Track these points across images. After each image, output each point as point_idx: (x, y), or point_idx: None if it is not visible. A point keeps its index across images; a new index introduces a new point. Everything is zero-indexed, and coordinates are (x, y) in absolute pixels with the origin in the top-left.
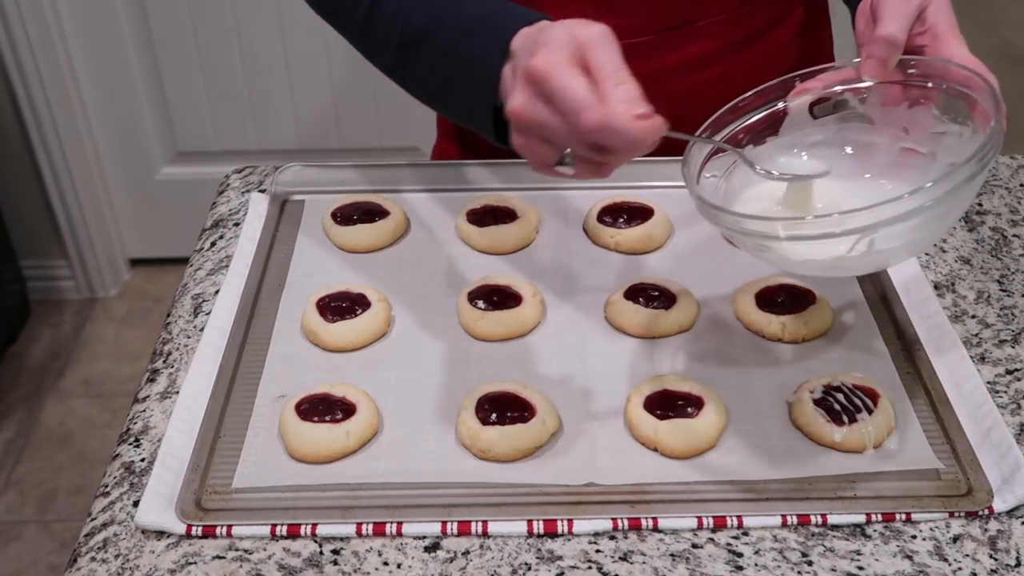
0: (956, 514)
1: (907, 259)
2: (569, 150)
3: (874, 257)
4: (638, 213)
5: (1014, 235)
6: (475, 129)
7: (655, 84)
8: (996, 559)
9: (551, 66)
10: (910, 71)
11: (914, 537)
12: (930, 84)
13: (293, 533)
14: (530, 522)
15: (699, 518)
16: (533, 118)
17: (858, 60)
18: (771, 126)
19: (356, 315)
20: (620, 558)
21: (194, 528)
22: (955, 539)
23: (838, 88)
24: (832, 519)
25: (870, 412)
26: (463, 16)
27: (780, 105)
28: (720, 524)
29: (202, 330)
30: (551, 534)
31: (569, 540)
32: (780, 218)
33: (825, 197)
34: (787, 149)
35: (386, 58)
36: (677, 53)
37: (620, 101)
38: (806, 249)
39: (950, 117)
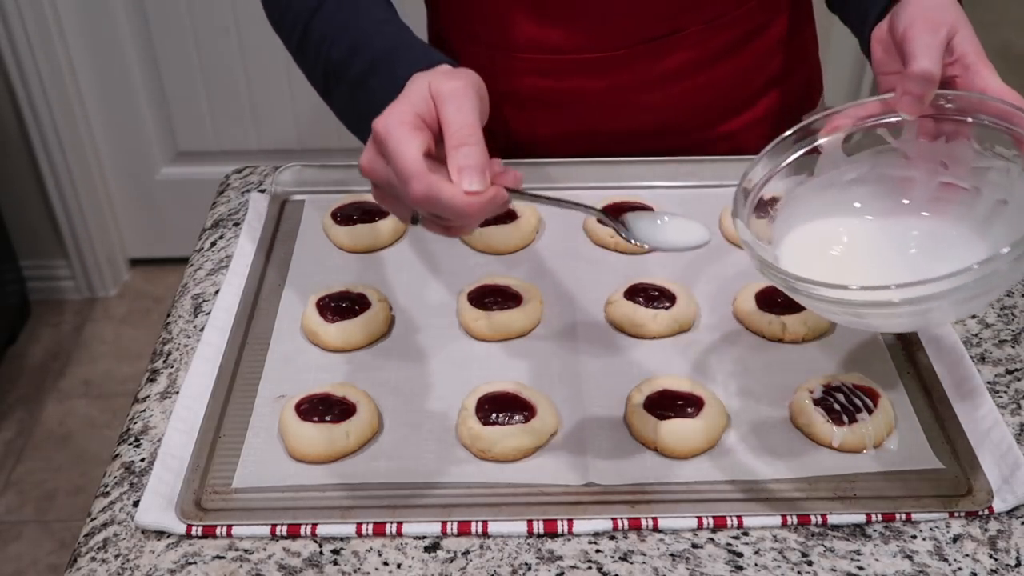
0: (956, 514)
1: (959, 319)
2: (416, 213)
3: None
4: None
5: None
6: None
7: (639, 94)
8: (996, 559)
9: (390, 128)
10: (947, 105)
11: (914, 537)
12: (969, 119)
13: (293, 533)
14: (530, 522)
15: (699, 518)
16: (377, 176)
17: (890, 95)
18: (806, 167)
19: (356, 315)
20: (620, 558)
21: (194, 528)
22: (955, 539)
23: (872, 122)
24: (832, 519)
25: (870, 412)
26: (372, 50)
27: (813, 144)
28: (720, 524)
29: (202, 330)
30: (551, 534)
31: (569, 540)
32: (859, 287)
33: (865, 237)
34: (824, 189)
35: (316, 83)
36: (661, 63)
37: (456, 169)
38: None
39: (992, 151)
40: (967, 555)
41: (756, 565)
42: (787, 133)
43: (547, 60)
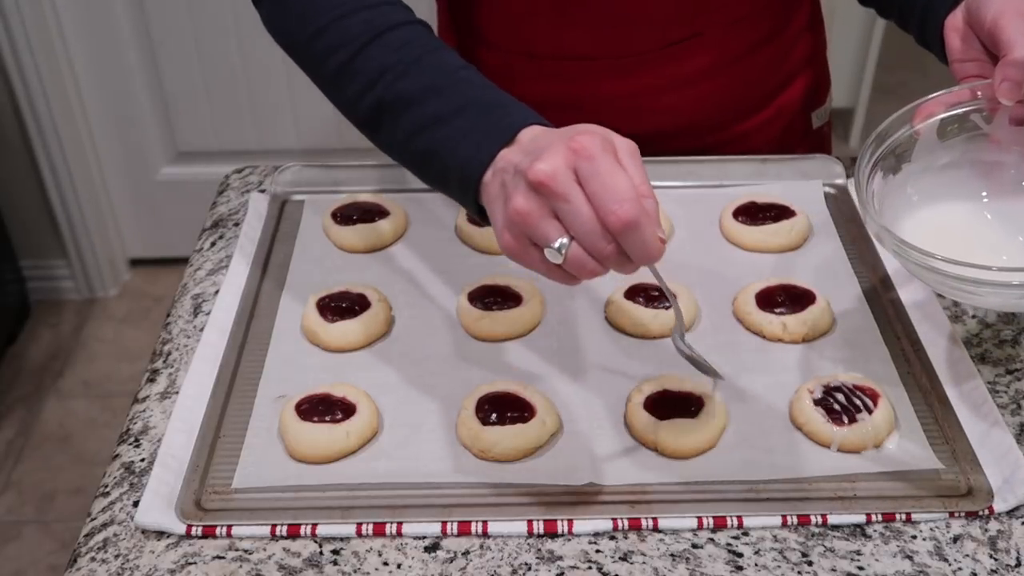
0: (956, 514)
1: None
2: (565, 239)
3: None
4: None
5: None
6: (451, 196)
7: (658, 98)
8: (996, 559)
9: (602, 152)
10: None
11: (914, 537)
12: None
13: (293, 533)
14: (530, 522)
15: (699, 518)
16: (560, 188)
17: (982, 82)
18: (905, 152)
19: (356, 315)
20: (620, 558)
21: (194, 528)
22: (955, 539)
23: (964, 109)
24: (832, 519)
25: (870, 412)
26: (458, 95)
27: (911, 131)
28: (720, 524)
29: (202, 330)
30: (551, 534)
31: (569, 540)
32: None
33: (981, 219)
34: (920, 175)
35: (355, 112)
36: (681, 67)
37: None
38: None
39: None
40: (967, 555)
41: (756, 565)
42: (885, 123)
43: (567, 65)
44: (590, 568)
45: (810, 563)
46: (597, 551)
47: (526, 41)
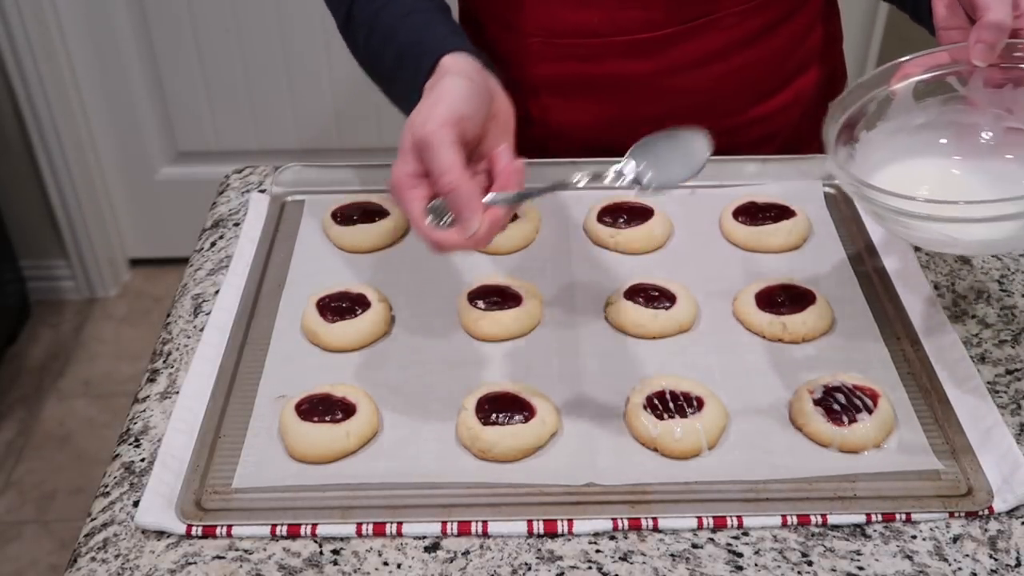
0: (956, 514)
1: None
2: (440, 199)
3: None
4: (638, 213)
5: None
6: (401, 87)
7: (677, 77)
8: (996, 559)
9: (432, 135)
10: (1016, 54)
11: (914, 537)
12: None
13: (293, 533)
14: (530, 522)
15: (699, 518)
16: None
17: (959, 45)
18: (879, 113)
19: (356, 315)
20: (620, 558)
21: (194, 528)
22: (955, 539)
23: (940, 71)
24: (832, 519)
25: (870, 412)
26: (398, 45)
27: (887, 90)
28: (720, 524)
29: (202, 330)
30: (551, 534)
31: (569, 540)
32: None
33: (947, 175)
34: (894, 134)
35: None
36: (697, 45)
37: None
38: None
39: None
40: (967, 555)
41: (756, 565)
42: (862, 79)
43: (586, 44)
44: (590, 568)
45: (810, 563)
46: (597, 551)
47: (545, 22)
